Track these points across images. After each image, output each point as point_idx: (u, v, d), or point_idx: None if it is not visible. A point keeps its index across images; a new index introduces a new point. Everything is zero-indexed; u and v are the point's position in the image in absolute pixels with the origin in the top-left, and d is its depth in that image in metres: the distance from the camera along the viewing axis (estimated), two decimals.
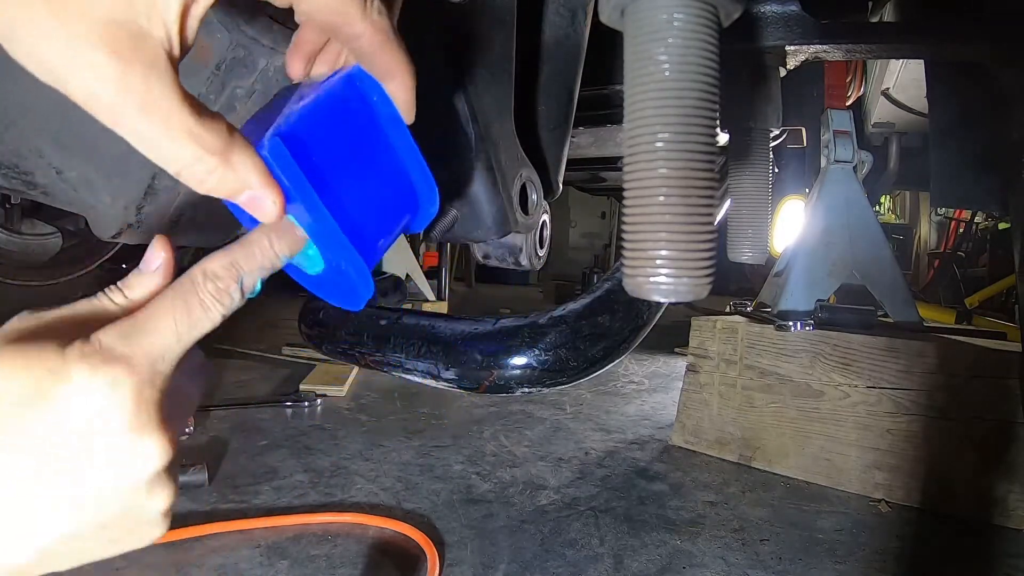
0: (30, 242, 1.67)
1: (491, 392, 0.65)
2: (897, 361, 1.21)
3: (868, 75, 1.85)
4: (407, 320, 0.71)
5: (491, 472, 1.26)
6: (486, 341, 0.65)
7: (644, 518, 1.09)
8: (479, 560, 0.93)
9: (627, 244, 0.34)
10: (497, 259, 0.72)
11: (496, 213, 0.59)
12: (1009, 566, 0.99)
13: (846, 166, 1.46)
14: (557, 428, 1.57)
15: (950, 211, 3.53)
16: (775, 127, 1.01)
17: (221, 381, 1.84)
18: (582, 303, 0.67)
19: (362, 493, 1.13)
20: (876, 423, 1.23)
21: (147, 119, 0.25)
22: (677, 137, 0.32)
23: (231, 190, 0.29)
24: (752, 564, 0.95)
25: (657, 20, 0.33)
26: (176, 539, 0.92)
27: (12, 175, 0.60)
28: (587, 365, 0.65)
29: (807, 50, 0.85)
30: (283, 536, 0.96)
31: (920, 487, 1.18)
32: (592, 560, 0.94)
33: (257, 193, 0.29)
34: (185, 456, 1.17)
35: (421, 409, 1.67)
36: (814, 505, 1.18)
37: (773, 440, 1.34)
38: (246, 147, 0.28)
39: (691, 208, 0.32)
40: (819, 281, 1.43)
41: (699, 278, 0.33)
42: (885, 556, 1.00)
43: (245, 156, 0.28)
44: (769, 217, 1.04)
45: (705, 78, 0.33)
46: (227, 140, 0.27)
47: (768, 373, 1.35)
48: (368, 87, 0.34)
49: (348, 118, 0.33)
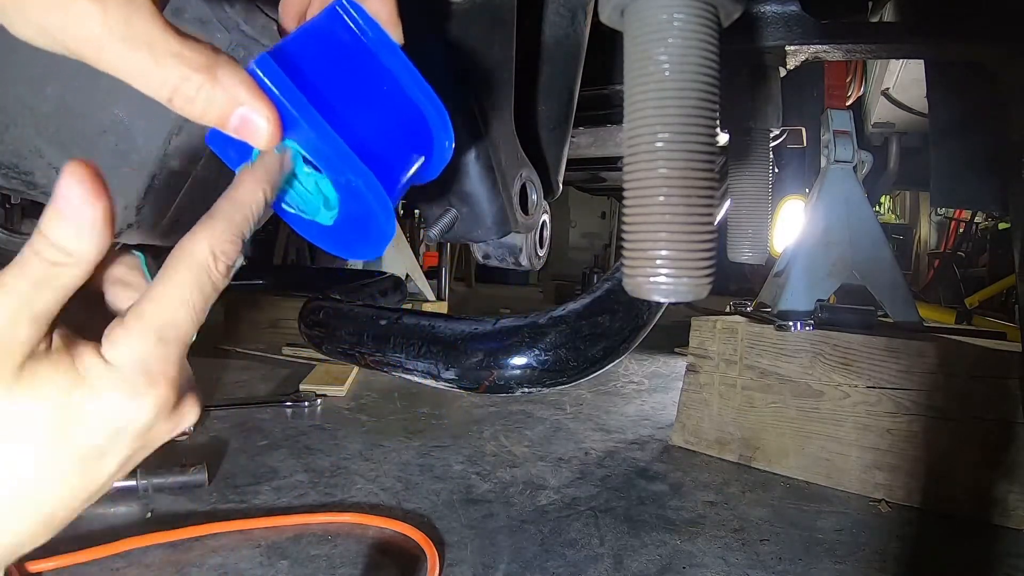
0: None
1: (491, 392, 0.65)
2: (897, 361, 1.21)
3: (868, 75, 1.85)
4: (407, 320, 0.71)
5: (491, 472, 1.26)
6: (486, 341, 0.65)
7: (644, 518, 1.09)
8: (479, 560, 0.93)
9: (627, 244, 0.34)
10: (497, 259, 0.72)
11: (496, 213, 0.59)
12: (1009, 566, 0.99)
13: (846, 166, 1.46)
14: (557, 428, 1.57)
15: (950, 211, 3.53)
16: (775, 127, 1.01)
17: (221, 381, 1.84)
18: (582, 303, 0.67)
19: (362, 493, 1.13)
20: (876, 423, 1.23)
21: (132, 49, 0.26)
22: (677, 137, 0.32)
23: (221, 109, 0.28)
24: (752, 564, 0.95)
25: (657, 20, 0.33)
26: (176, 539, 0.92)
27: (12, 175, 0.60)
28: (587, 365, 0.65)
29: (807, 50, 0.85)
30: (283, 536, 0.96)
31: (920, 487, 1.18)
32: (592, 560, 0.94)
33: (247, 111, 0.28)
34: (185, 456, 1.17)
35: (421, 409, 1.67)
36: (814, 505, 1.18)
37: (773, 440, 1.34)
38: (232, 63, 0.28)
39: (691, 208, 0.32)
40: (819, 281, 1.43)
41: (699, 278, 0.33)
42: (885, 556, 1.00)
43: (232, 71, 0.28)
44: (769, 217, 1.04)
45: (705, 78, 0.33)
46: (212, 57, 0.27)
47: (768, 373, 1.35)
48: (351, 11, 0.33)
49: (337, 43, 0.33)
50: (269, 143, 0.29)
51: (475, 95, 0.55)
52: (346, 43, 0.33)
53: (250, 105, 0.28)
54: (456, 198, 0.59)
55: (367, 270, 2.52)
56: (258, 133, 0.29)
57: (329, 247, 0.35)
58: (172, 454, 1.25)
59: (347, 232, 0.34)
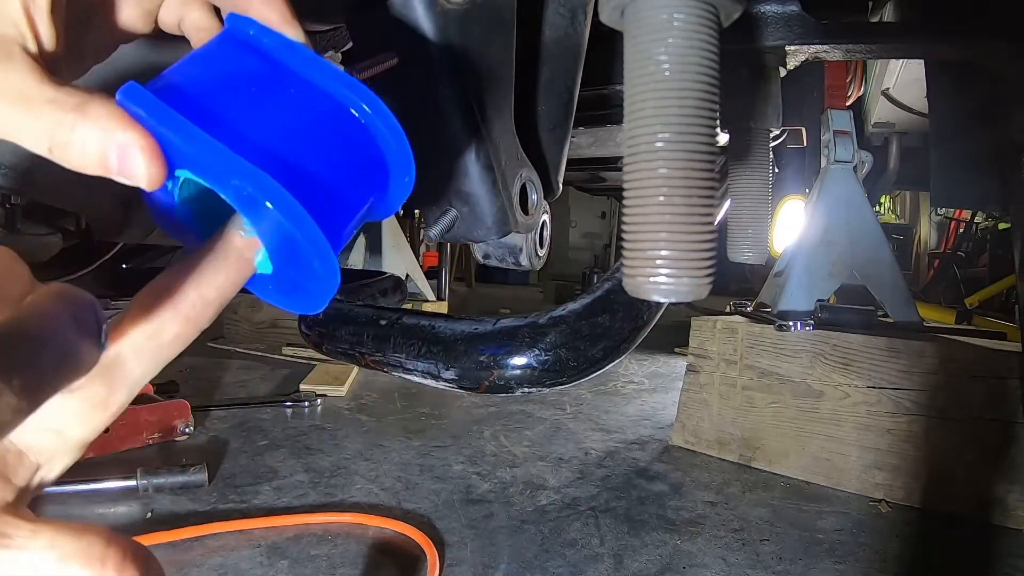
0: (30, 242, 1.67)
1: (491, 392, 0.65)
2: (897, 361, 1.21)
3: (868, 75, 1.85)
4: (407, 320, 0.71)
5: (491, 472, 1.26)
6: (486, 341, 0.65)
7: (644, 518, 1.09)
8: (479, 560, 0.93)
9: (627, 244, 0.34)
10: (497, 259, 0.72)
11: (496, 213, 0.59)
12: (1009, 566, 0.99)
13: (846, 166, 1.46)
14: (557, 428, 1.57)
15: (950, 211, 3.53)
16: (775, 127, 1.01)
17: (221, 381, 1.84)
18: (582, 303, 0.67)
19: (362, 493, 1.13)
20: (876, 423, 1.23)
21: (9, 105, 0.25)
22: (677, 137, 0.32)
23: (97, 147, 0.25)
24: (752, 564, 0.95)
25: (657, 20, 0.32)
26: (176, 539, 0.92)
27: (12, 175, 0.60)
28: (587, 365, 0.65)
29: (807, 50, 0.85)
30: (283, 536, 0.96)
31: (920, 487, 1.18)
32: (592, 560, 0.94)
33: (121, 142, 0.25)
34: (185, 456, 1.17)
35: (421, 409, 1.67)
36: (814, 505, 1.18)
37: (773, 440, 1.34)
38: (106, 98, 0.26)
39: (691, 208, 0.32)
40: (819, 281, 1.43)
41: (699, 278, 0.33)
42: (885, 556, 1.00)
43: (102, 104, 0.25)
44: (769, 217, 1.04)
45: (705, 78, 0.33)
46: (86, 96, 0.25)
47: (768, 373, 1.35)
48: (240, 24, 0.29)
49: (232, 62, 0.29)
50: (152, 177, 0.26)
51: (475, 95, 0.55)
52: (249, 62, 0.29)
53: (122, 136, 0.25)
54: (456, 198, 0.59)
55: (367, 270, 2.53)
56: (136, 169, 0.26)
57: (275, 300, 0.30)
58: (172, 454, 1.25)
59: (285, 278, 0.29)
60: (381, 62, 0.43)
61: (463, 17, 0.52)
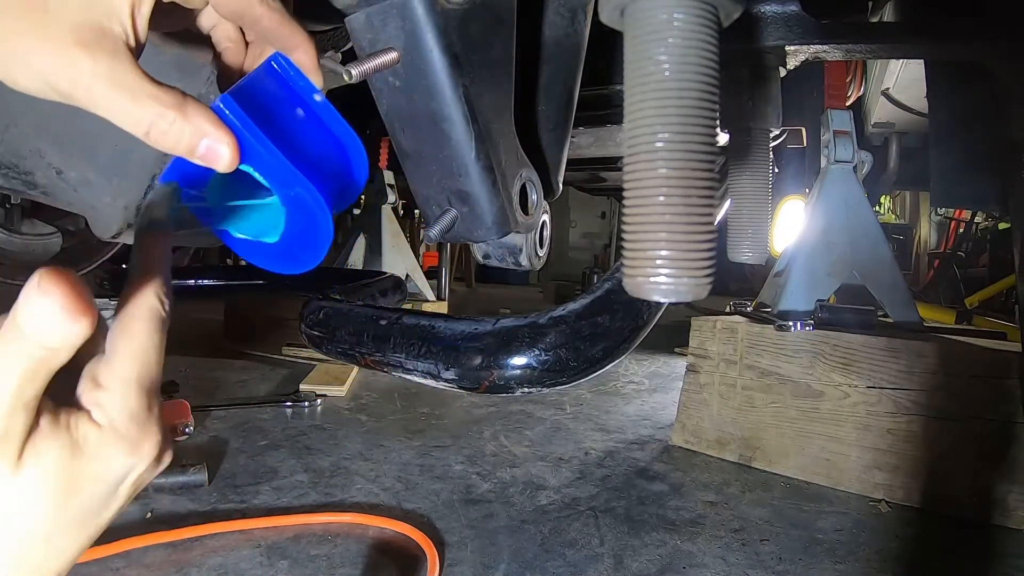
0: (30, 242, 1.67)
1: (491, 392, 0.65)
2: (897, 361, 1.21)
3: (868, 75, 1.85)
4: (407, 320, 0.71)
5: (491, 472, 1.26)
6: (486, 341, 0.65)
7: (644, 518, 1.09)
8: (479, 560, 0.93)
9: (627, 244, 0.34)
10: (497, 259, 0.72)
11: (496, 213, 0.59)
12: (1009, 566, 0.99)
13: (846, 166, 1.46)
14: (557, 428, 1.57)
15: (950, 211, 3.53)
16: (775, 127, 1.01)
17: (221, 381, 1.84)
18: (582, 303, 0.67)
19: (362, 493, 1.13)
20: (876, 423, 1.23)
21: (116, 92, 0.31)
22: (677, 137, 0.32)
23: (190, 140, 0.33)
24: (752, 564, 0.95)
25: (657, 20, 0.33)
26: (176, 539, 0.92)
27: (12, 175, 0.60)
28: (587, 365, 0.65)
29: (807, 50, 0.85)
30: (283, 536, 0.96)
31: (920, 487, 1.18)
32: (592, 560, 0.95)
33: (212, 141, 0.33)
34: (185, 456, 1.17)
35: (421, 409, 1.67)
36: (814, 505, 1.18)
37: (773, 440, 1.34)
38: (198, 102, 0.33)
39: (691, 208, 0.32)
40: (819, 281, 1.43)
41: (699, 278, 0.33)
42: (885, 556, 1.00)
43: (199, 108, 0.33)
44: (769, 217, 1.04)
45: (705, 78, 0.33)
46: (182, 98, 0.33)
47: (768, 373, 1.35)
48: (282, 63, 0.41)
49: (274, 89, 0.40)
50: (230, 167, 0.34)
51: (475, 95, 0.55)
52: (281, 89, 0.41)
53: (214, 136, 0.33)
54: (456, 198, 0.59)
55: (367, 270, 2.53)
56: (221, 159, 0.34)
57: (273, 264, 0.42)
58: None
59: (291, 245, 0.41)
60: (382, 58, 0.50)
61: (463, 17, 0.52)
